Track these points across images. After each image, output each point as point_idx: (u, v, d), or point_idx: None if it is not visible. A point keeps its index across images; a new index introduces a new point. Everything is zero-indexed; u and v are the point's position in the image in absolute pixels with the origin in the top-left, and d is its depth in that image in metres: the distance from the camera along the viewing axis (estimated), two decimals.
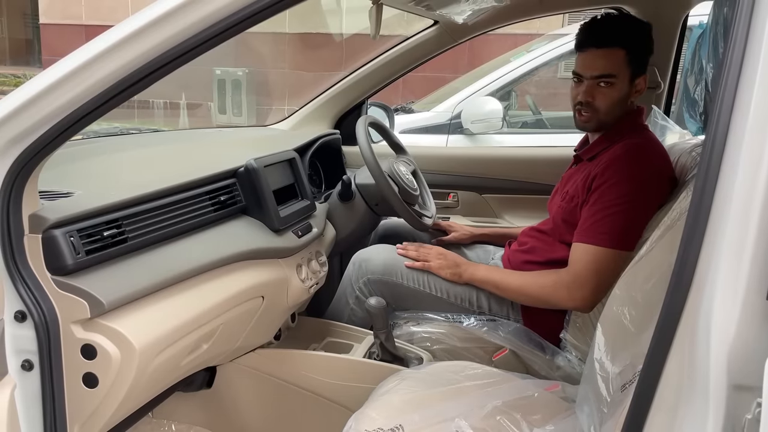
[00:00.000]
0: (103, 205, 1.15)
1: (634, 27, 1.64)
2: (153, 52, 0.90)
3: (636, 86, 1.64)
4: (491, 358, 1.69)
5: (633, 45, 1.60)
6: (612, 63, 1.60)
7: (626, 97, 1.64)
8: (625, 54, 1.59)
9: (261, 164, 1.58)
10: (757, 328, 0.68)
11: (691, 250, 0.73)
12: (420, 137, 3.75)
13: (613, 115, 1.65)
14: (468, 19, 2.06)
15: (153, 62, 0.89)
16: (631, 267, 1.27)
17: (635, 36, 1.62)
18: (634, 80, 1.62)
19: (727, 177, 0.71)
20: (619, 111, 1.65)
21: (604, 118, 1.65)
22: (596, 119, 1.66)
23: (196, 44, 0.88)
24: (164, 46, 0.89)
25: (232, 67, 8.29)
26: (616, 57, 1.60)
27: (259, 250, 1.49)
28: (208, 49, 0.90)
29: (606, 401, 1.07)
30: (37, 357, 1.03)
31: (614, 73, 1.60)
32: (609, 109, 1.64)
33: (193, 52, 0.89)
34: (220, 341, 1.40)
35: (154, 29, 0.89)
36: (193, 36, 0.88)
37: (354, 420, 1.26)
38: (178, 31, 0.89)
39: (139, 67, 0.90)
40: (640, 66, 1.62)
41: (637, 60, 1.61)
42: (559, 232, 1.71)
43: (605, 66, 1.60)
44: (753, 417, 0.67)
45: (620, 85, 1.61)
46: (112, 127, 2.90)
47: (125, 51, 0.90)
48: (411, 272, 1.80)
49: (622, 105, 1.64)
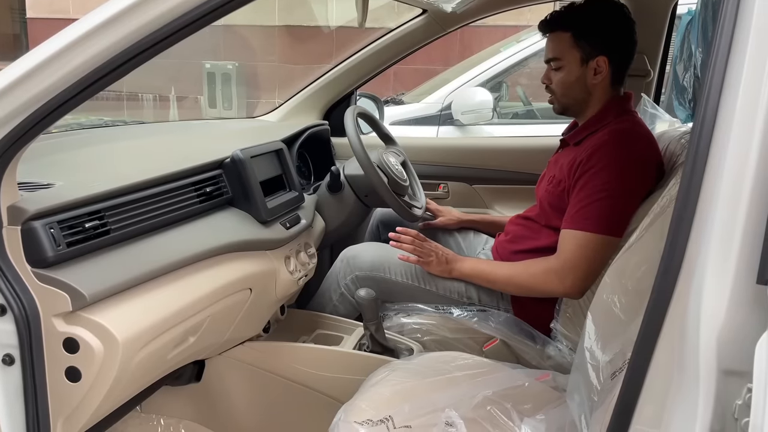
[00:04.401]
0: (84, 196, 1.12)
1: (582, 9, 1.66)
2: (129, 39, 0.88)
3: (593, 68, 1.64)
4: (482, 348, 1.69)
5: (579, 27, 1.63)
6: (557, 46, 1.66)
7: (582, 79, 1.65)
8: (571, 36, 1.63)
9: (248, 155, 1.56)
10: (746, 312, 0.67)
11: (680, 235, 0.73)
12: (410, 129, 3.74)
13: (572, 97, 1.69)
14: (457, 8, 2.05)
15: (129, 50, 0.88)
16: (621, 255, 1.26)
17: (581, 18, 1.64)
18: (587, 61, 1.63)
19: (716, 161, 0.70)
20: (577, 93, 1.67)
21: (563, 100, 1.70)
22: (557, 101, 1.72)
23: (171, 31, 0.86)
24: (140, 33, 0.87)
25: (221, 61, 8.24)
26: (560, 40, 1.65)
27: (246, 242, 1.47)
28: (184, 37, 0.88)
29: (596, 389, 1.07)
30: (18, 351, 1.01)
31: (559, 56, 1.66)
32: (563, 91, 1.68)
33: (169, 39, 0.87)
34: (208, 334, 1.39)
35: (130, 16, 0.87)
36: (168, 23, 0.86)
37: (343, 411, 1.25)
38: (154, 17, 0.87)
39: (115, 54, 0.88)
40: (594, 47, 1.63)
41: (586, 41, 1.62)
42: (546, 217, 1.71)
43: (551, 49, 1.68)
44: (743, 402, 0.66)
45: (569, 66, 1.65)
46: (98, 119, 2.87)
47: (101, 38, 0.88)
48: (399, 267, 1.79)
49: (579, 87, 1.67)
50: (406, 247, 1.76)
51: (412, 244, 1.75)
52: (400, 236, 1.77)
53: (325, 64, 2.48)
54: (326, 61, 2.61)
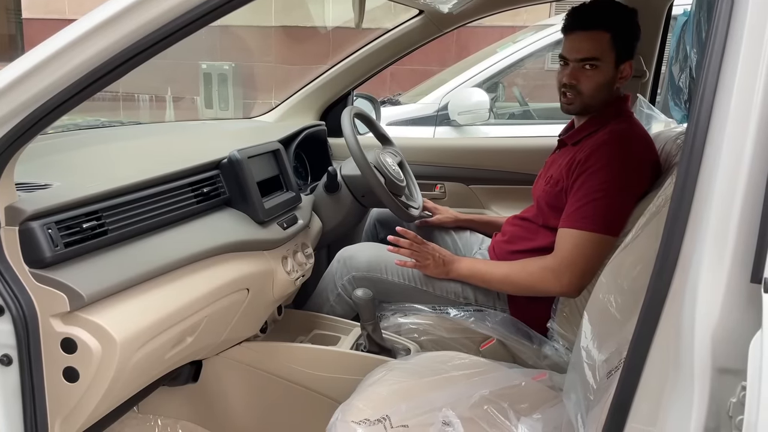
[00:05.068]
0: (82, 196, 1.13)
1: (619, 11, 1.64)
2: (127, 40, 0.88)
3: (621, 71, 1.63)
4: (478, 348, 1.69)
5: (618, 29, 1.60)
6: (596, 46, 1.61)
7: (611, 82, 1.64)
8: (610, 37, 1.59)
9: (245, 155, 1.57)
10: (740, 311, 0.68)
11: (674, 235, 0.73)
12: (407, 129, 3.74)
13: (598, 99, 1.65)
14: (453, 9, 2.05)
15: (127, 50, 0.88)
16: (617, 254, 1.27)
17: (620, 20, 1.62)
18: (619, 65, 1.62)
19: (711, 161, 0.71)
20: (603, 95, 1.65)
21: (588, 101, 1.66)
22: (580, 101, 1.66)
23: (169, 32, 0.87)
24: (138, 34, 0.88)
25: (218, 61, 8.23)
26: (600, 40, 1.60)
27: (244, 242, 1.48)
28: (181, 38, 0.88)
29: (592, 388, 1.07)
30: (15, 351, 1.01)
31: (598, 56, 1.61)
32: (593, 92, 1.64)
33: (167, 41, 0.87)
34: (205, 334, 1.39)
35: (127, 17, 0.88)
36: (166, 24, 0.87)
37: (341, 411, 1.25)
38: (152, 18, 0.87)
39: (113, 55, 0.88)
40: (626, 51, 1.62)
41: (622, 44, 1.61)
42: (543, 217, 1.71)
43: (590, 49, 1.61)
44: (738, 400, 0.66)
45: (605, 68, 1.61)
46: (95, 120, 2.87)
47: (99, 39, 0.89)
48: (396, 267, 1.79)
49: (606, 89, 1.64)
50: (403, 251, 1.74)
51: (410, 248, 1.74)
52: (398, 240, 1.76)
53: (322, 64, 2.49)
54: (323, 62, 2.62)
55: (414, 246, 1.74)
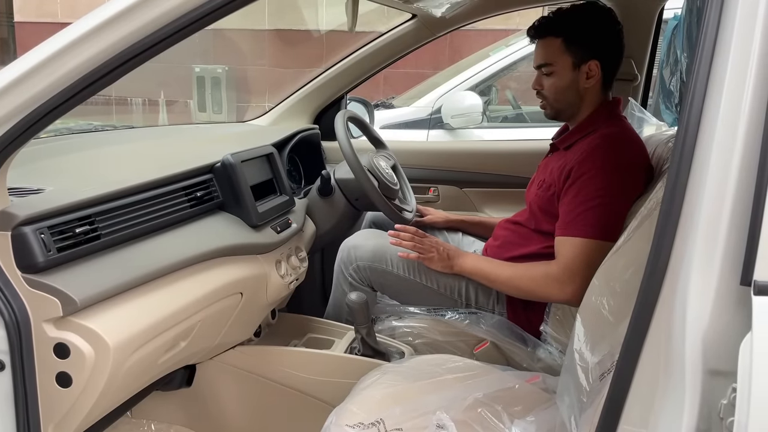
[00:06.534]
0: (74, 201, 1.12)
1: (570, 16, 1.67)
2: (121, 44, 0.88)
3: (585, 72, 1.65)
4: (473, 351, 1.69)
5: (570, 32, 1.64)
6: (548, 52, 1.67)
7: (573, 84, 1.66)
8: (562, 41, 1.64)
9: (238, 159, 1.56)
10: (731, 313, 0.68)
11: (665, 238, 0.74)
12: (401, 132, 3.75)
13: (564, 102, 1.69)
14: (446, 13, 2.05)
15: (121, 54, 0.88)
16: (609, 257, 1.27)
17: (572, 24, 1.65)
18: (579, 66, 1.65)
19: (701, 164, 0.72)
20: (569, 97, 1.68)
21: (555, 105, 1.71)
22: (549, 107, 1.73)
23: (164, 36, 0.87)
24: (132, 38, 0.88)
25: (211, 65, 8.21)
26: (551, 45, 1.66)
27: (237, 246, 1.47)
28: (176, 42, 0.88)
29: (585, 391, 1.07)
30: (8, 356, 1.00)
31: (550, 61, 1.67)
32: (556, 96, 1.69)
33: (162, 44, 0.87)
34: (199, 338, 1.38)
35: (121, 21, 0.88)
36: (160, 28, 0.87)
37: (335, 415, 1.25)
38: (146, 22, 0.87)
39: (107, 59, 0.88)
40: (586, 51, 1.64)
41: (577, 46, 1.64)
42: (536, 221, 1.71)
43: (543, 55, 1.68)
44: (728, 402, 0.67)
45: (561, 71, 1.66)
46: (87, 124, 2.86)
47: (93, 43, 0.89)
48: (400, 259, 1.79)
49: (571, 91, 1.68)
50: (406, 244, 1.75)
51: (412, 241, 1.75)
52: (399, 233, 1.76)
53: (316, 68, 2.49)
54: (316, 65, 2.62)
55: (416, 239, 1.75)
